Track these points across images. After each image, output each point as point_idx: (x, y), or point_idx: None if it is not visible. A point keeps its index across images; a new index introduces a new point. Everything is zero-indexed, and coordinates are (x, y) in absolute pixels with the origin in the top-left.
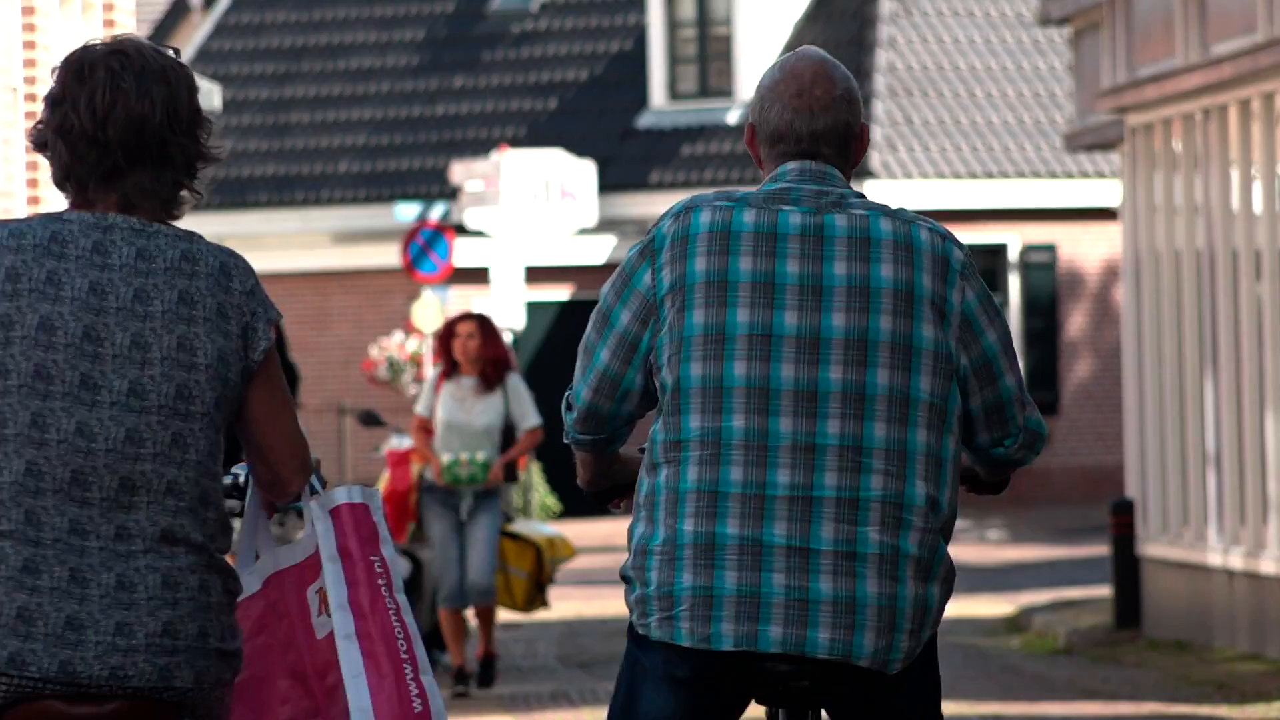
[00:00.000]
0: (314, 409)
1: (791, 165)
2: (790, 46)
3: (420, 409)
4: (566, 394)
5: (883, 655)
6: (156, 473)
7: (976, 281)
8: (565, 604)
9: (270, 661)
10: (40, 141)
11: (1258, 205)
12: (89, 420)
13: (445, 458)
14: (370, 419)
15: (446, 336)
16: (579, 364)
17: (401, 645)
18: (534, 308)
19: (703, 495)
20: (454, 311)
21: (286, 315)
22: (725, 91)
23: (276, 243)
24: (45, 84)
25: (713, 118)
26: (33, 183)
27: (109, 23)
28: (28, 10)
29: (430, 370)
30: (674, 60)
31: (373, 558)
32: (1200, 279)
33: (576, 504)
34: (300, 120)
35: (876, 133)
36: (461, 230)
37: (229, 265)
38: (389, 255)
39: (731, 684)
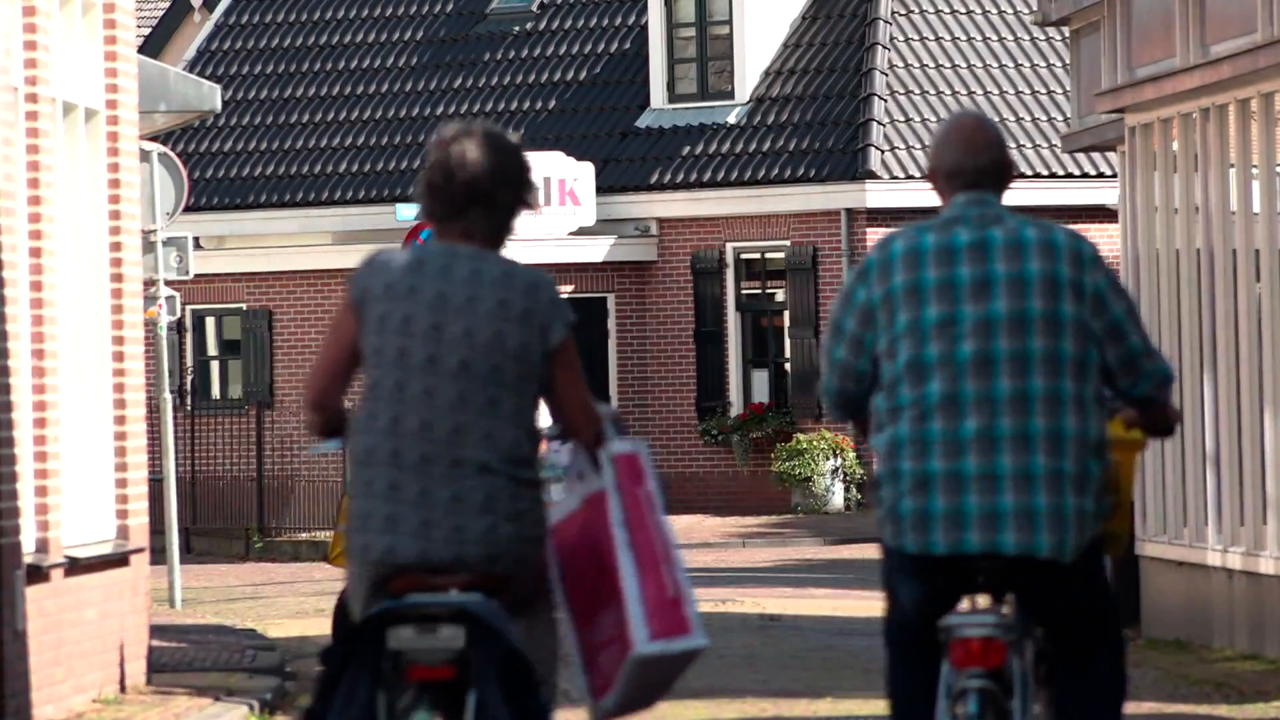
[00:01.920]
0: None
1: (961, 196)
2: (790, 46)
3: None
4: (820, 394)
5: (1056, 549)
6: (477, 423)
7: (1103, 268)
8: None
9: (585, 553)
10: (418, 195)
11: (1257, 205)
12: (433, 385)
13: None
14: None
15: None
16: (824, 366)
17: (659, 550)
18: None
19: (915, 443)
20: None
21: (287, 315)
22: (725, 91)
23: (276, 243)
24: (46, 84)
25: (713, 118)
26: (33, 183)
27: (109, 23)
28: (28, 10)
29: None
30: (674, 60)
31: (638, 490)
32: (1199, 279)
33: None
34: (300, 120)
35: (876, 133)
36: None
37: (536, 281)
38: None
39: (945, 579)
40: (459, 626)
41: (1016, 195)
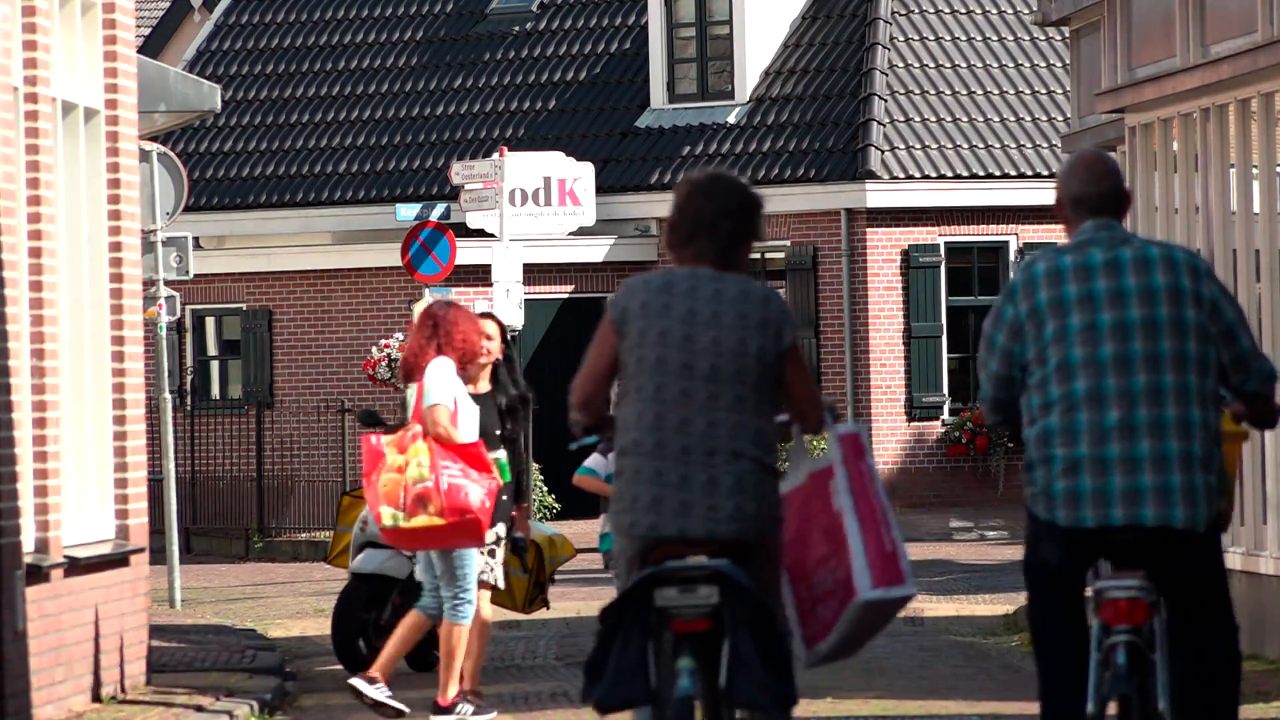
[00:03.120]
0: (314, 409)
1: (1089, 222)
2: (790, 46)
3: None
4: (979, 401)
5: (1190, 520)
6: (727, 417)
7: (1215, 280)
8: (565, 604)
9: (811, 522)
10: (667, 229)
11: (1257, 205)
12: (688, 387)
13: None
14: (370, 419)
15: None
16: (982, 378)
17: (879, 512)
18: (534, 306)
19: (1065, 432)
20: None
21: (287, 315)
22: (725, 91)
23: (276, 243)
24: (46, 84)
25: (713, 118)
26: (33, 183)
27: (109, 23)
28: (28, 10)
29: None
30: (674, 60)
31: (861, 463)
32: None
33: (576, 504)
34: (300, 120)
35: (876, 133)
36: (461, 230)
37: (768, 295)
38: (389, 255)
39: (1090, 548)
40: (714, 586)
41: (1016, 195)
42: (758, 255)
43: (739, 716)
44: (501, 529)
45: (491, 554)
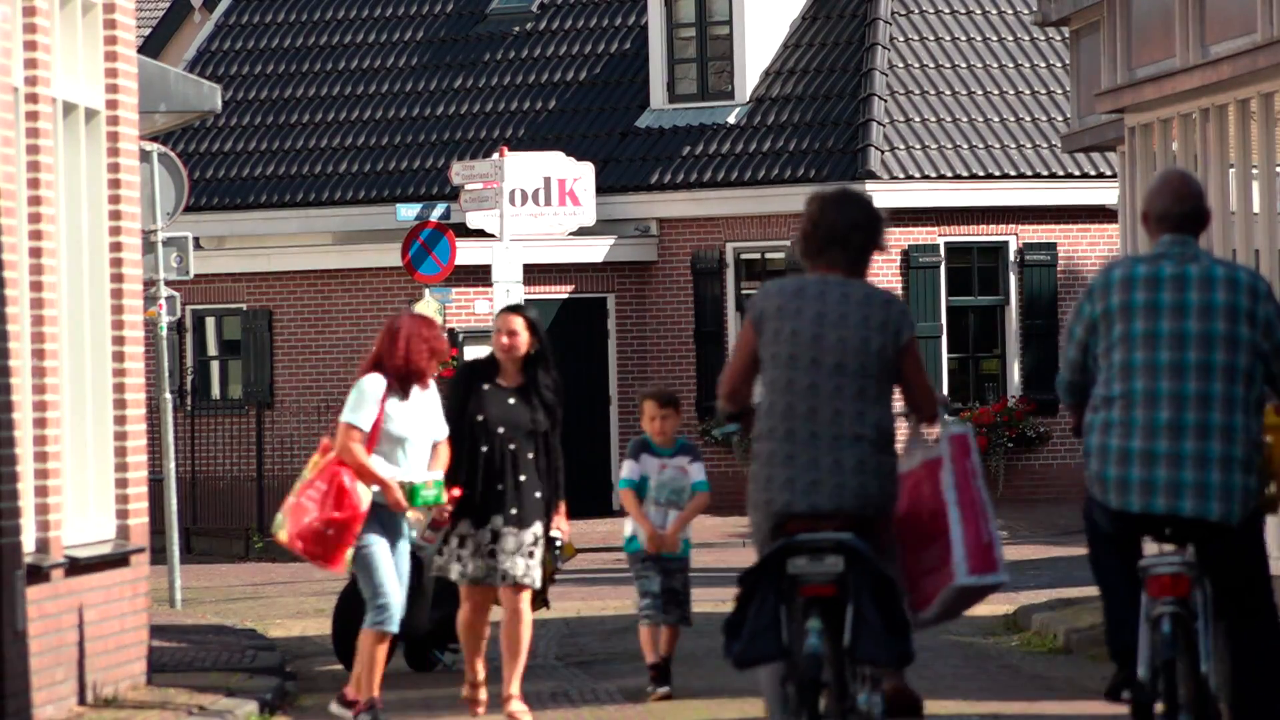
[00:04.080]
0: (314, 409)
1: (1167, 236)
2: (790, 46)
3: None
4: (1056, 383)
5: (1224, 515)
6: (851, 406)
7: (1273, 300)
8: (565, 604)
9: (920, 504)
10: (794, 240)
11: (1257, 205)
12: (817, 380)
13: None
14: None
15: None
16: (1061, 364)
17: (978, 507)
18: (534, 307)
19: (1122, 425)
20: (453, 311)
21: (287, 315)
22: (725, 91)
23: (276, 243)
24: (46, 84)
25: (713, 118)
26: (33, 183)
27: (109, 23)
28: (28, 10)
29: None
30: (674, 60)
31: (966, 461)
32: None
33: (576, 504)
34: (300, 120)
35: (876, 133)
36: (461, 230)
37: (889, 298)
38: (389, 255)
39: (1137, 529)
40: (839, 556)
41: (1016, 195)
42: (758, 255)
43: (861, 672)
44: (539, 528)
45: (530, 555)
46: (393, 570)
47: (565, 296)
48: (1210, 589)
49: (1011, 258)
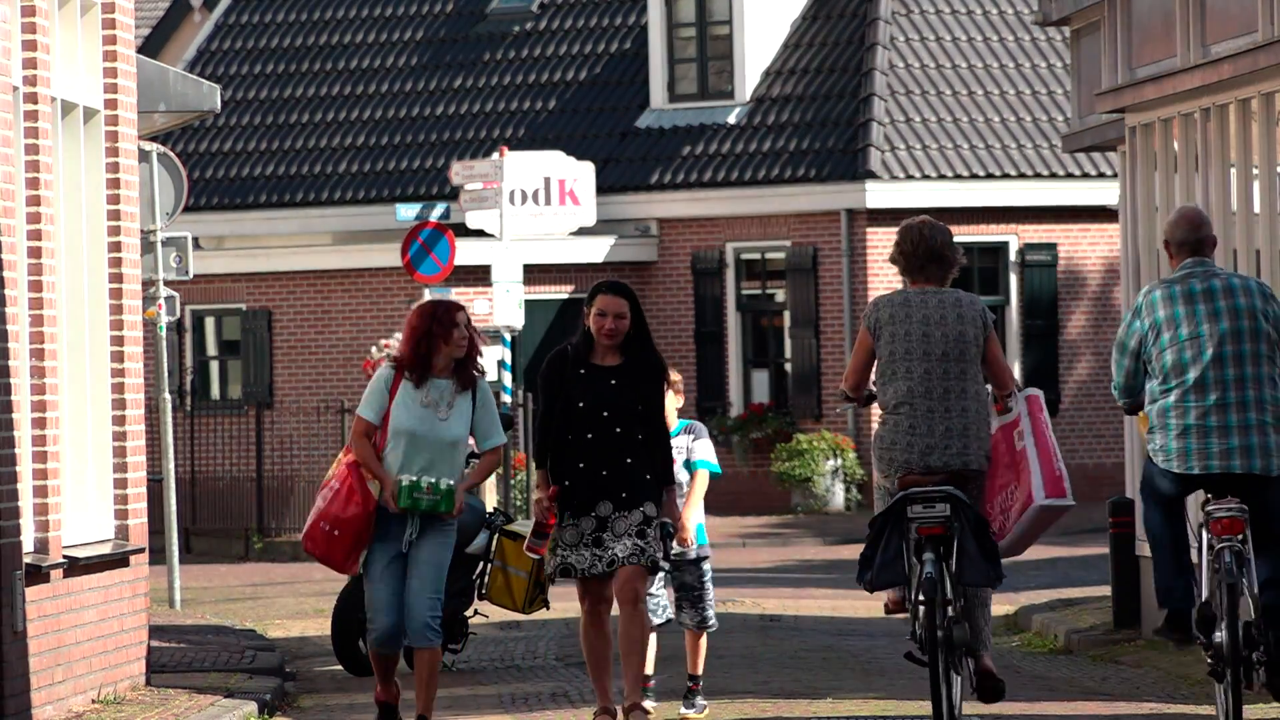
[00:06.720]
0: (314, 409)
1: (1189, 259)
2: (790, 46)
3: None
4: (1112, 389)
5: (1265, 469)
6: (955, 385)
7: (1277, 300)
8: (565, 604)
9: (998, 463)
10: (892, 257)
11: (1257, 205)
12: (927, 368)
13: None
14: None
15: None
16: (1114, 368)
17: (1051, 449)
18: (533, 306)
19: (1179, 408)
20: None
21: (286, 315)
22: (725, 91)
23: (276, 243)
24: (46, 84)
25: (713, 118)
26: (33, 183)
27: (109, 23)
28: (28, 10)
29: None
30: (674, 60)
31: (1040, 415)
32: None
33: None
34: (300, 120)
35: (876, 133)
36: (461, 230)
37: (973, 300)
38: (389, 255)
39: (1193, 485)
40: (947, 503)
41: (1016, 195)
42: (758, 255)
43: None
44: (651, 508)
45: (641, 534)
46: (390, 584)
47: (565, 296)
48: (1252, 532)
49: (1012, 258)
